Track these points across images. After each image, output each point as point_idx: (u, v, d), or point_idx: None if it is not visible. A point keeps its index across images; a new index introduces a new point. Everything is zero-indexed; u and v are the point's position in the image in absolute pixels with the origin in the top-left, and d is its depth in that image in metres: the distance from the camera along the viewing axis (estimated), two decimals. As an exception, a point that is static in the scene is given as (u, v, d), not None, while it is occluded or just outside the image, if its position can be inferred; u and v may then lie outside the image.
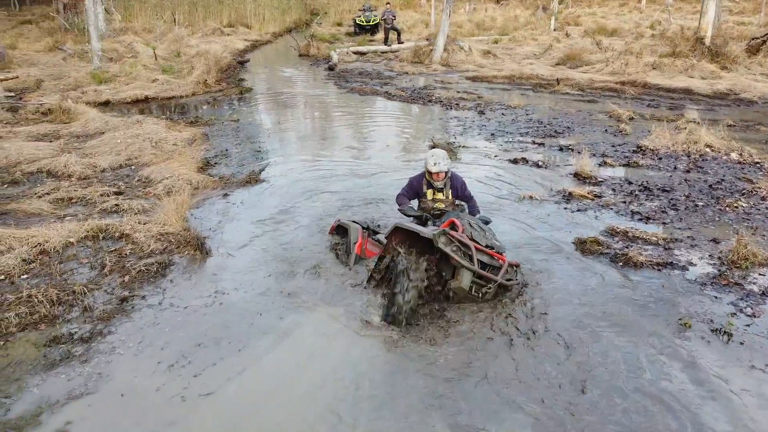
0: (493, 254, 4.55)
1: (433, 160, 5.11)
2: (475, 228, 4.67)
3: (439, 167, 5.10)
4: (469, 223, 4.70)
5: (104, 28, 22.56)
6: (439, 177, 5.16)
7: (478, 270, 4.35)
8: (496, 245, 4.66)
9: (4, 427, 3.41)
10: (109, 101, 12.75)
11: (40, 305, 4.62)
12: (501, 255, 4.63)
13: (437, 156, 5.14)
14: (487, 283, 4.47)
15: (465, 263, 4.33)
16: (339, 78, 16.04)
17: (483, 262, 4.48)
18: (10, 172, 7.93)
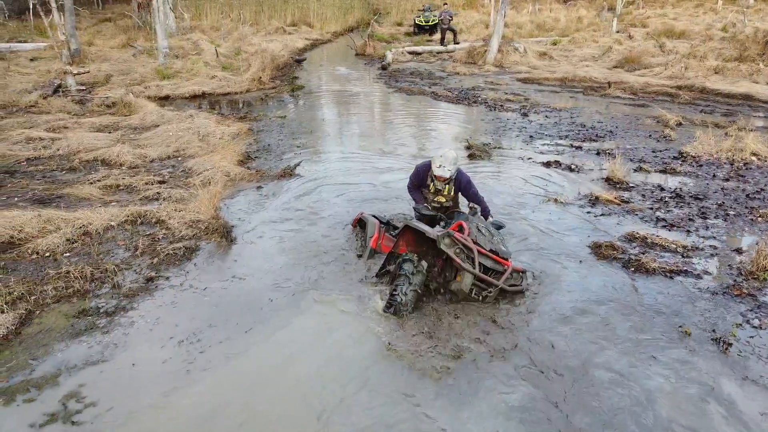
0: (497, 259, 4.65)
1: (438, 161, 5.12)
2: (483, 232, 4.77)
3: (442, 171, 5.11)
4: (477, 227, 4.80)
5: (174, 27, 23.73)
6: (441, 179, 5.23)
7: (479, 273, 4.47)
8: (502, 250, 4.75)
9: (27, 384, 3.81)
10: (168, 96, 13.47)
11: (75, 281, 5.07)
12: (505, 260, 4.71)
13: (445, 159, 5.13)
14: (488, 286, 4.58)
15: (466, 266, 4.46)
16: (390, 77, 16.27)
17: (485, 266, 4.59)
18: (69, 159, 8.59)
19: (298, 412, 3.60)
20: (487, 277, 4.51)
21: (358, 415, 3.56)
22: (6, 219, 6.07)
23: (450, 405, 3.64)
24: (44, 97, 12.61)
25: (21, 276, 5.18)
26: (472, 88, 14.49)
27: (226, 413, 3.59)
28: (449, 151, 5.27)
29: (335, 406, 3.64)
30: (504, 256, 4.72)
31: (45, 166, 8.35)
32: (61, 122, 10.60)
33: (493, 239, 4.79)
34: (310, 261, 5.54)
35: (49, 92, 13.05)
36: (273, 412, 3.61)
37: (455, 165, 5.18)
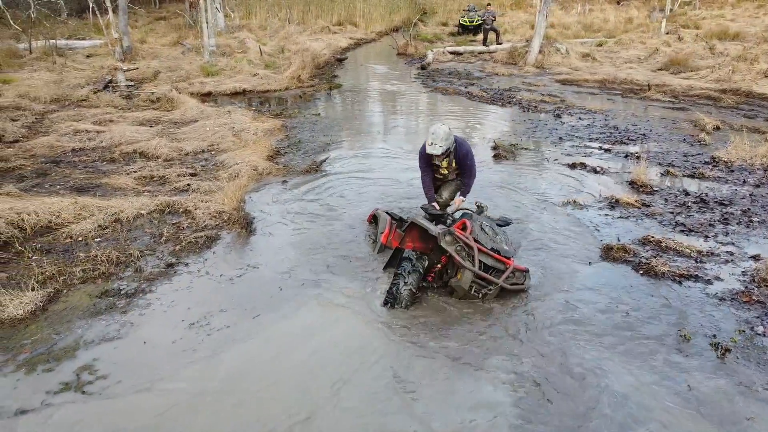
0: (498, 257, 4.72)
1: (430, 140, 5.09)
2: (486, 231, 4.85)
3: (434, 149, 5.07)
4: (481, 225, 4.89)
5: (222, 26, 24.45)
6: (438, 158, 5.27)
7: (478, 271, 4.56)
8: (503, 249, 4.81)
9: (48, 356, 4.13)
10: (211, 92, 13.96)
11: (102, 264, 5.41)
12: (507, 259, 4.78)
13: (435, 136, 5.09)
14: (488, 284, 4.66)
15: (466, 263, 4.55)
16: (427, 77, 16.35)
17: (486, 264, 4.68)
18: (111, 151, 9.06)
19: (293, 396, 3.78)
20: (487, 275, 4.59)
21: (349, 402, 3.72)
22: (46, 205, 6.49)
23: (441, 399, 3.76)
24: (95, 92, 13.27)
25: (54, 258, 5.56)
26: (509, 88, 14.43)
27: (223, 392, 3.80)
28: (440, 127, 5.17)
29: (328, 394, 3.81)
30: (506, 255, 4.79)
31: (88, 157, 8.84)
32: (107, 116, 11.16)
33: (495, 238, 4.86)
34: (323, 254, 5.73)
35: (99, 87, 13.72)
36: (268, 394, 3.79)
37: (447, 140, 5.15)
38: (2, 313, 4.60)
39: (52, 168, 8.26)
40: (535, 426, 3.49)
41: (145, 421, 3.54)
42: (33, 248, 5.72)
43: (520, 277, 4.87)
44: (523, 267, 4.91)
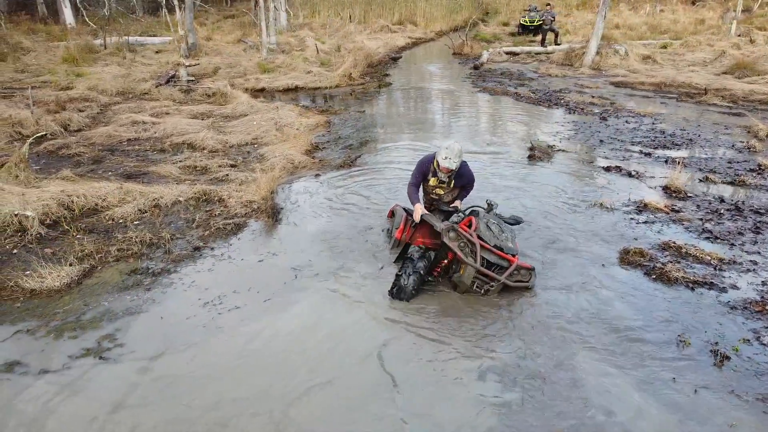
0: (502, 255, 4.79)
1: (445, 153, 5.18)
2: (491, 228, 4.93)
3: (449, 163, 5.16)
4: (487, 223, 4.97)
5: (285, 24, 25.16)
6: (446, 171, 5.32)
7: (479, 267, 4.65)
8: (508, 247, 4.87)
9: (75, 324, 4.54)
10: (264, 88, 14.48)
11: (135, 245, 5.84)
12: (511, 256, 4.84)
13: (450, 151, 5.19)
14: (491, 281, 4.74)
15: (468, 259, 4.66)
16: (478, 77, 16.32)
17: (489, 261, 4.76)
18: (162, 142, 9.62)
19: (289, 380, 4.01)
20: (488, 272, 4.68)
21: (342, 389, 3.92)
22: (94, 189, 7.02)
23: (432, 394, 3.91)
24: (157, 86, 14.04)
25: (95, 237, 6.04)
26: (559, 90, 14.22)
27: (224, 367, 4.08)
28: (455, 144, 5.29)
29: (322, 381, 4.02)
30: (510, 252, 4.85)
31: (140, 146, 9.43)
32: (165, 109, 11.80)
33: (501, 236, 4.93)
34: (342, 246, 5.93)
35: (162, 82, 14.49)
36: (265, 378, 4.04)
37: (460, 158, 5.25)
38: (41, 284, 5.06)
39: (107, 155, 8.87)
40: (519, 426, 3.59)
41: (149, 386, 3.86)
42: (78, 228, 6.22)
43: (525, 275, 4.92)
44: (528, 265, 4.96)
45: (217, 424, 3.54)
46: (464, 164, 5.48)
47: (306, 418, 3.60)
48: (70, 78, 14.71)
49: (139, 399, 3.75)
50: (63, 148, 9.08)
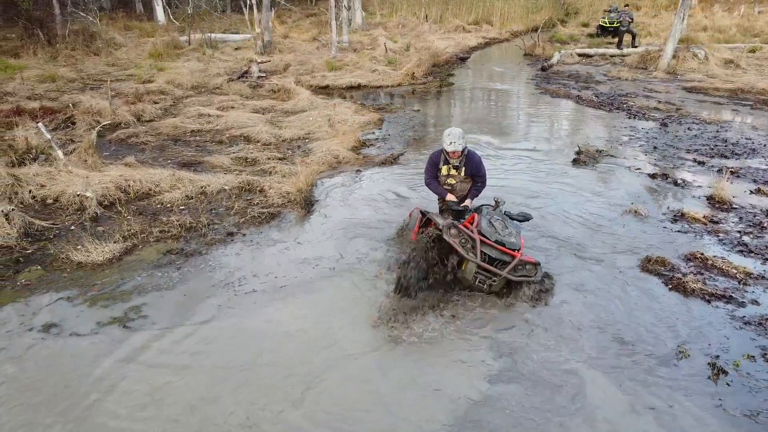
0: (503, 249, 4.85)
1: (449, 139, 5.31)
2: (494, 225, 4.99)
3: (454, 146, 5.28)
4: (489, 220, 5.03)
5: (360, 23, 25.66)
6: (455, 155, 5.40)
7: (480, 262, 4.74)
8: (510, 242, 4.92)
9: (109, 295, 5.03)
10: (328, 86, 14.93)
11: (175, 228, 6.32)
12: (514, 251, 4.89)
13: (453, 135, 5.31)
14: (493, 276, 4.81)
15: (468, 255, 4.76)
16: (543, 79, 16.05)
17: (491, 256, 4.84)
18: (221, 134, 10.21)
19: (289, 362, 4.30)
20: (490, 267, 4.75)
21: (337, 375, 4.16)
22: (150, 175, 7.62)
23: (420, 395, 4.08)
24: (228, 81, 14.81)
25: (142, 219, 6.58)
26: (625, 94, 13.77)
27: (231, 344, 4.41)
28: (454, 129, 5.42)
29: (319, 367, 4.28)
30: (512, 248, 4.88)
31: (201, 137, 10.06)
32: (231, 103, 12.47)
33: (504, 231, 4.96)
34: (363, 241, 6.13)
35: (234, 77, 15.26)
36: (267, 358, 4.34)
37: (463, 139, 5.34)
38: (87, 257, 5.62)
39: (170, 145, 9.55)
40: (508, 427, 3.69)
41: (155, 354, 4.25)
42: (129, 209, 6.80)
43: (531, 270, 4.92)
44: (533, 259, 4.97)
45: (206, 395, 3.86)
46: (472, 153, 5.57)
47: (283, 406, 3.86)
48: (152, 72, 15.77)
49: (144, 362, 4.14)
50: (132, 137, 9.84)
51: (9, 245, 5.88)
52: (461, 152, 5.37)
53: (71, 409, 3.70)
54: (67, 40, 18.70)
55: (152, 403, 3.77)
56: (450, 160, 5.43)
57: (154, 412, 3.68)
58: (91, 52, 18.68)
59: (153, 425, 3.58)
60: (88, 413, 3.67)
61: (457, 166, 5.49)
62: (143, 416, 3.65)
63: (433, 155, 5.66)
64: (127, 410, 3.70)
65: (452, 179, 5.56)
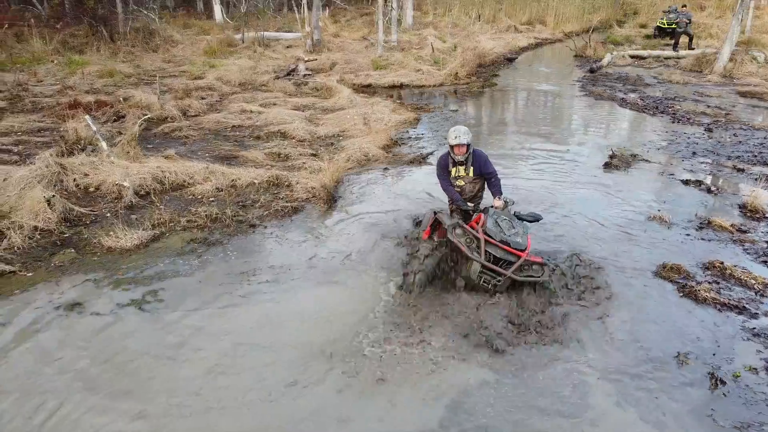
0: (508, 249, 4.88)
1: (454, 134, 5.37)
2: (500, 224, 5.02)
3: (459, 140, 5.32)
4: (496, 220, 5.06)
5: (410, 23, 25.75)
6: (460, 151, 5.41)
7: (484, 262, 4.78)
8: (515, 242, 4.93)
9: (132, 279, 5.35)
10: (371, 84, 15.10)
11: (202, 218, 6.62)
12: (520, 251, 4.90)
13: (458, 131, 5.38)
14: (498, 275, 4.85)
15: (472, 255, 4.81)
16: (590, 81, 15.72)
17: (495, 255, 4.87)
18: (260, 129, 10.54)
19: (293, 344, 4.49)
20: (494, 266, 4.78)
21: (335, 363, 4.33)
22: (186, 167, 7.97)
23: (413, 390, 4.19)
24: (275, 79, 15.21)
25: (173, 208, 6.91)
26: (673, 97, 13.34)
27: (240, 329, 4.64)
28: (458, 126, 5.51)
29: (316, 353, 4.45)
30: (517, 248, 4.90)
31: (241, 132, 10.41)
32: (274, 100, 12.82)
33: (510, 231, 4.98)
34: (378, 238, 6.23)
35: (281, 75, 15.66)
36: (271, 339, 4.54)
37: (468, 135, 5.38)
38: (117, 243, 5.97)
39: (210, 139, 9.94)
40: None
41: (169, 335, 4.51)
42: (162, 199, 7.16)
43: (537, 270, 4.92)
44: (539, 259, 4.97)
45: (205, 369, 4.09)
46: (478, 152, 5.60)
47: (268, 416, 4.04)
48: (203, 69, 16.36)
49: (149, 342, 4.41)
50: (176, 131, 10.29)
51: (49, 229, 6.30)
52: (466, 149, 5.41)
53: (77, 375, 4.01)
54: (128, 38, 19.62)
55: (154, 378, 4.03)
56: (455, 156, 5.47)
57: (158, 384, 3.94)
58: (149, 49, 19.51)
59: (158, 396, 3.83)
60: (91, 378, 3.96)
61: (464, 163, 5.52)
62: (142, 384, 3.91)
63: (441, 160, 5.68)
64: (127, 380, 3.97)
65: (461, 180, 5.61)
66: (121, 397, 3.86)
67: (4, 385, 3.94)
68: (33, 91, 13.22)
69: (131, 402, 3.81)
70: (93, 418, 3.67)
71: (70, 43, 19.27)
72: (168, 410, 3.75)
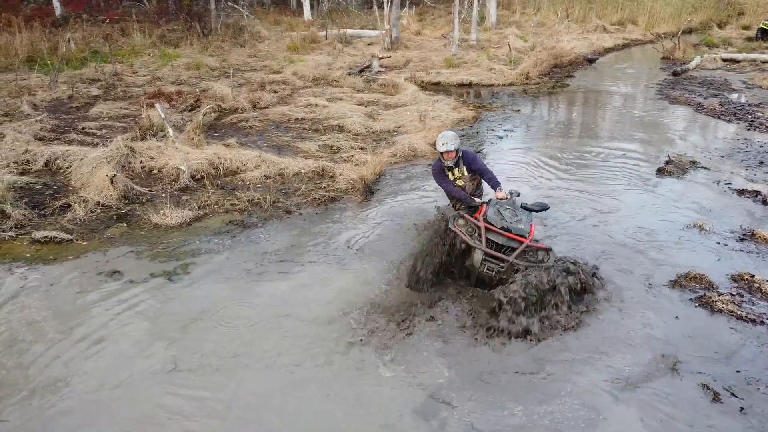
0: (510, 236, 4.92)
1: (441, 141, 5.55)
2: (501, 213, 5.07)
3: (447, 147, 5.52)
4: (498, 209, 5.12)
5: (494, 21, 25.51)
6: (450, 156, 5.56)
7: (485, 249, 4.85)
8: (517, 228, 4.95)
9: (169, 253, 5.87)
10: (440, 82, 15.20)
11: (244, 202, 7.08)
12: (522, 237, 4.93)
13: (445, 137, 5.56)
14: (500, 262, 4.88)
15: (474, 243, 4.90)
16: (670, 84, 14.96)
17: (497, 242, 4.92)
18: (321, 122, 10.97)
19: (298, 323, 4.81)
20: (496, 253, 4.83)
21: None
22: (241, 155, 8.51)
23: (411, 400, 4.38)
24: (348, 74, 15.66)
25: (221, 192, 7.43)
26: (758, 104, 12.46)
27: (252, 304, 5.01)
28: (446, 132, 5.69)
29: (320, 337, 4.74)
30: (519, 234, 4.92)
31: (301, 125, 10.89)
32: (340, 95, 13.24)
33: (512, 219, 5.02)
34: (403, 232, 6.38)
35: (355, 71, 16.09)
36: (264, 313, 4.88)
37: (456, 140, 5.54)
38: (163, 220, 6.54)
39: (271, 130, 10.48)
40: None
41: (188, 304, 4.96)
42: (213, 183, 7.71)
43: (543, 256, 4.92)
44: (544, 245, 4.98)
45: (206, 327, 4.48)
46: (465, 151, 5.82)
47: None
48: (283, 64, 17.12)
49: (169, 307, 4.86)
50: (243, 121, 10.92)
51: (109, 204, 6.99)
52: (455, 154, 5.58)
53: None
54: (219, 33, 20.83)
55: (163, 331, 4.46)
56: (446, 162, 5.65)
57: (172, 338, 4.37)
58: (237, 44, 20.61)
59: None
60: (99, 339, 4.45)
61: (456, 166, 5.70)
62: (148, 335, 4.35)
63: (435, 166, 5.87)
64: (138, 333, 4.43)
65: (461, 180, 5.81)
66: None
67: (45, 328, 4.52)
68: (126, 81, 14.43)
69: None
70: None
71: (167, 37, 20.72)
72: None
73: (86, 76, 14.56)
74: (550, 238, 6.10)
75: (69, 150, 8.47)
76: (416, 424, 3.66)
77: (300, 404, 3.84)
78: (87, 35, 18.88)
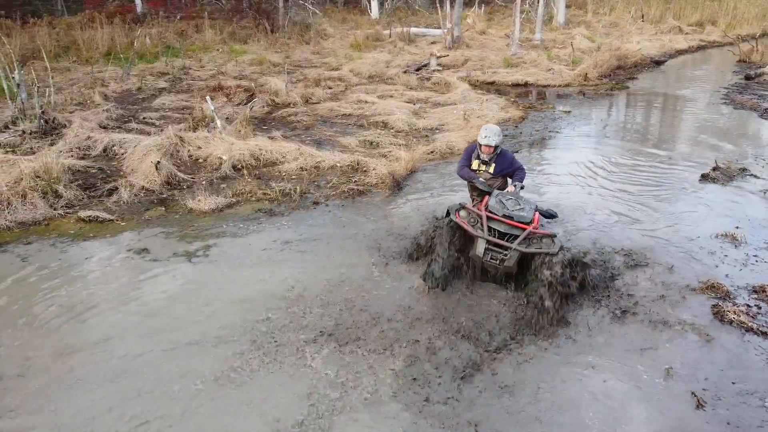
0: (512, 223, 4.93)
1: (484, 133, 5.51)
2: (503, 202, 5.08)
3: (488, 141, 5.48)
4: (500, 199, 5.14)
5: (562, 21, 24.95)
6: (488, 150, 5.54)
7: (488, 237, 4.87)
8: (519, 216, 4.95)
9: (195, 235, 6.23)
10: (494, 82, 15.10)
11: (275, 192, 7.38)
12: (524, 224, 4.93)
13: (489, 130, 5.51)
14: (504, 250, 4.88)
15: (476, 231, 4.93)
16: (739, 88, 14.16)
17: (500, 231, 4.94)
18: (366, 119, 11.17)
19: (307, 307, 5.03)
20: (499, 240, 4.85)
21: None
22: (281, 147, 8.84)
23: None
24: (404, 72, 15.81)
25: (257, 182, 7.77)
26: (835, 110, 11.68)
27: (268, 282, 5.27)
28: (493, 125, 5.63)
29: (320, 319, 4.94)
30: (521, 221, 4.92)
31: (347, 121, 11.14)
32: (392, 92, 13.40)
33: (514, 207, 5.02)
34: (419, 228, 6.44)
35: (411, 69, 16.22)
36: (275, 291, 5.11)
37: (499, 136, 5.49)
38: (198, 205, 6.93)
39: (317, 125, 10.79)
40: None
41: (206, 283, 5.27)
42: (251, 173, 8.06)
43: (547, 243, 4.90)
44: (547, 232, 4.96)
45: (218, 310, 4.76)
46: (504, 150, 5.72)
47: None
48: (342, 61, 17.47)
49: (183, 284, 5.19)
50: (292, 116, 11.30)
51: (153, 189, 7.47)
52: (493, 149, 5.55)
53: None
54: (286, 30, 21.49)
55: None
56: (481, 155, 5.63)
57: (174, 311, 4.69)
58: (303, 41, 21.20)
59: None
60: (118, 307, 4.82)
61: (487, 162, 5.66)
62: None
63: (469, 148, 5.90)
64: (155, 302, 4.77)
65: (479, 175, 5.75)
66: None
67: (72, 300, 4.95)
68: (192, 75, 15.20)
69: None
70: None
71: (237, 34, 21.59)
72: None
73: (156, 70, 15.44)
74: (573, 234, 6.11)
75: (126, 138, 9.07)
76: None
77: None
78: (162, 31, 19.97)
